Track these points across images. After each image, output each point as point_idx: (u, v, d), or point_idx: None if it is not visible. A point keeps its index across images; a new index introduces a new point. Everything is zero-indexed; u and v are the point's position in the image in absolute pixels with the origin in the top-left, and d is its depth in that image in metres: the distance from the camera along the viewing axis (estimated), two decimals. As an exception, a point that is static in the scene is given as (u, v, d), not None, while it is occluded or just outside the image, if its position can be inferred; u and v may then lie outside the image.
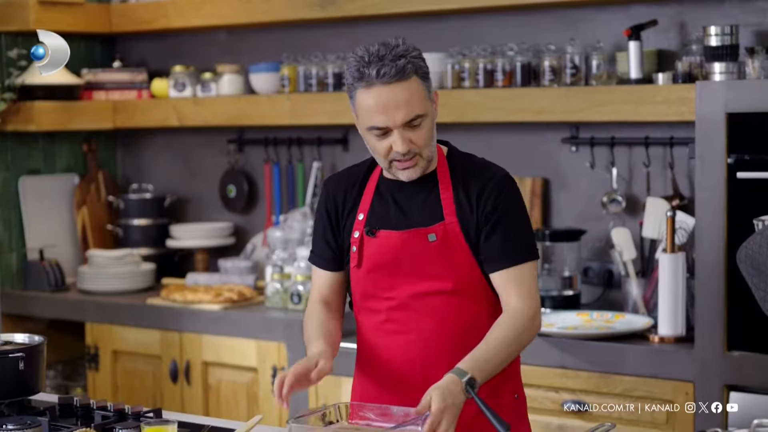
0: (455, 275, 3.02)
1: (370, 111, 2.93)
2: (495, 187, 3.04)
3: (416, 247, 3.02)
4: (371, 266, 3.07)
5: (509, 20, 4.85)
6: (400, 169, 2.99)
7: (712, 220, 3.77)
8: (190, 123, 5.52)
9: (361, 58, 2.93)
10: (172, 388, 4.98)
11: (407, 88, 2.93)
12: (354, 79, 2.94)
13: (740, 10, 4.36)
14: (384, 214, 3.07)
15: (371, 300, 3.09)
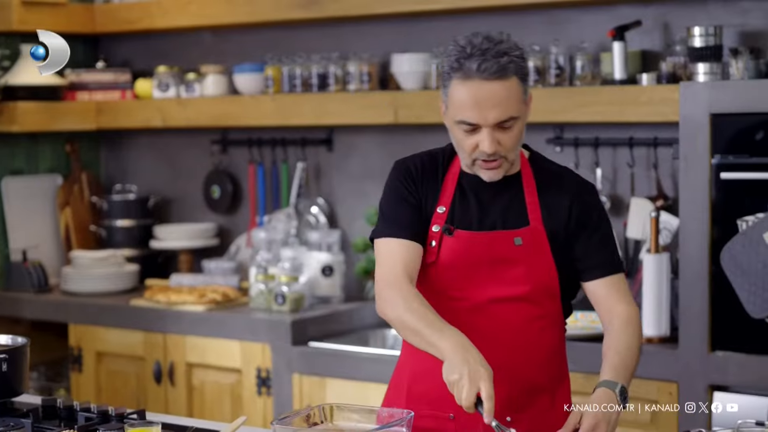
0: (534, 281, 2.93)
1: (463, 105, 2.81)
2: (585, 196, 2.99)
3: (500, 248, 2.91)
4: (448, 264, 2.93)
5: (493, 21, 4.85)
6: (483, 168, 2.88)
7: (696, 220, 3.78)
8: (173, 123, 5.50)
9: (462, 48, 2.81)
10: (156, 389, 4.97)
11: (505, 87, 2.81)
12: (451, 68, 2.82)
13: (724, 10, 4.37)
14: (465, 211, 2.94)
15: (441, 297, 2.93)
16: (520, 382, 2.92)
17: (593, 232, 2.95)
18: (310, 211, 5.32)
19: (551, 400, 2.98)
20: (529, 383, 2.93)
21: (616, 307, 2.94)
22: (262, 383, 4.67)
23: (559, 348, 3.04)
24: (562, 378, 3.05)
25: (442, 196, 2.96)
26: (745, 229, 3.64)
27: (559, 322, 3.01)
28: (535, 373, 2.94)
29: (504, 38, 2.85)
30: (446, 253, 2.93)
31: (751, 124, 3.72)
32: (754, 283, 3.61)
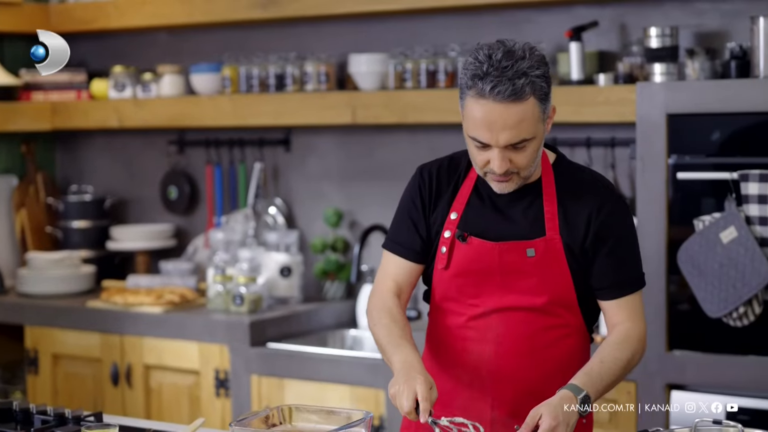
0: (549, 293, 2.88)
1: (476, 123, 2.75)
2: (608, 208, 2.88)
3: (512, 259, 2.87)
4: (459, 271, 2.91)
5: (451, 21, 4.86)
6: (494, 181, 2.83)
7: (654, 220, 3.80)
8: (130, 124, 5.48)
9: (480, 64, 2.73)
10: (113, 391, 4.94)
11: (520, 110, 2.72)
12: (466, 85, 2.76)
13: (680, 11, 4.39)
14: (479, 217, 2.91)
15: (452, 303, 2.94)
16: (529, 390, 2.88)
17: (611, 249, 2.87)
18: (268, 211, 5.31)
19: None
20: (540, 393, 2.82)
21: (620, 320, 2.90)
22: (220, 385, 4.65)
23: (580, 359, 2.95)
24: None
25: (456, 202, 2.93)
26: (701, 228, 3.67)
27: (579, 333, 2.95)
28: (547, 384, 2.85)
29: (526, 54, 2.74)
30: (459, 260, 2.91)
31: (708, 124, 3.74)
32: (710, 282, 3.64)
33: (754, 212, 3.58)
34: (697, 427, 2.67)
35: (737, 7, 4.27)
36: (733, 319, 3.63)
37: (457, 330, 2.94)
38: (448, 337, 2.95)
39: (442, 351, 2.98)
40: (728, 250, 3.59)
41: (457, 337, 2.94)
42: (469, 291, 2.91)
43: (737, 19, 4.24)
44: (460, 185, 2.95)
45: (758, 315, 3.60)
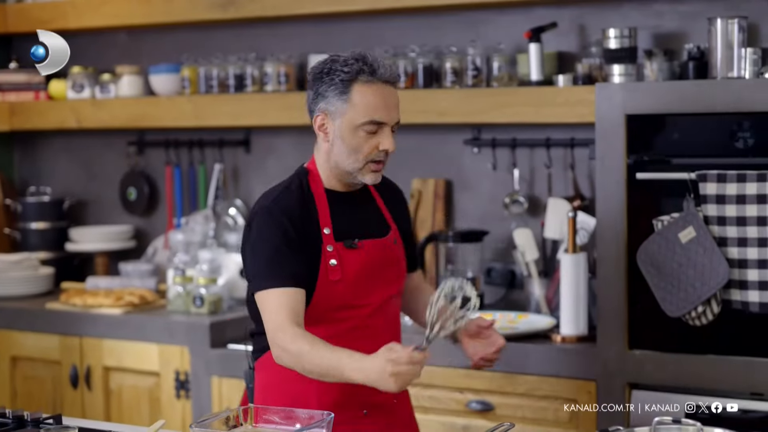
0: (402, 275, 3.30)
1: (374, 106, 3.07)
2: (404, 200, 3.41)
3: (387, 253, 3.22)
4: (353, 277, 3.14)
5: (411, 22, 4.86)
6: (373, 170, 3.13)
7: (613, 220, 3.81)
8: (89, 125, 5.45)
9: (356, 61, 3.08)
10: (73, 393, 4.91)
11: (396, 92, 3.14)
12: (353, 73, 3.06)
13: (638, 12, 4.42)
14: (346, 225, 3.16)
15: (344, 310, 3.13)
16: None
17: (409, 234, 3.40)
18: (228, 212, 5.30)
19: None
20: None
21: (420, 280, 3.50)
22: (180, 386, 4.64)
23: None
24: None
25: (321, 218, 3.14)
26: (660, 228, 3.69)
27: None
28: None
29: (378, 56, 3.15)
30: (351, 266, 3.14)
31: (666, 124, 3.76)
32: (669, 282, 3.66)
33: (713, 212, 3.60)
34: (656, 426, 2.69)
35: (695, 9, 4.31)
36: (692, 318, 3.65)
37: (346, 333, 3.12)
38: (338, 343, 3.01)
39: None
40: (687, 250, 3.61)
41: (350, 339, 3.08)
42: (360, 293, 3.15)
43: (695, 21, 4.27)
44: (313, 204, 3.16)
45: (717, 314, 3.62)
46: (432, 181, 4.81)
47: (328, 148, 3.15)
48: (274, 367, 3.11)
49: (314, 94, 3.15)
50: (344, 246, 3.13)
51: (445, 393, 4.12)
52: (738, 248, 3.59)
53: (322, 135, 3.16)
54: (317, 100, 3.14)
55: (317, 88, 3.13)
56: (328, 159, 3.17)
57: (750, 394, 3.64)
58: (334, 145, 3.13)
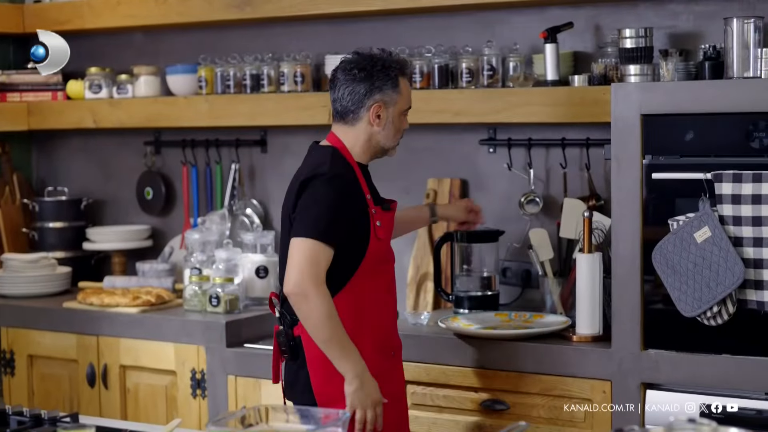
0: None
1: (409, 94, 3.77)
2: None
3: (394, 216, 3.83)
4: (388, 235, 3.74)
5: (426, 22, 4.87)
6: (395, 146, 3.78)
7: (628, 220, 3.82)
8: (106, 125, 5.47)
9: (392, 55, 3.75)
10: (90, 392, 4.93)
11: None
12: (399, 69, 3.72)
13: (654, 13, 4.41)
14: (374, 191, 3.76)
15: (384, 264, 3.74)
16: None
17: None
18: (245, 212, 5.31)
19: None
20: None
21: None
22: (196, 385, 4.66)
23: None
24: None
25: (363, 186, 3.69)
26: (675, 228, 3.69)
27: None
28: None
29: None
30: (387, 226, 3.73)
31: (682, 124, 3.76)
32: (685, 282, 3.66)
33: (728, 212, 3.61)
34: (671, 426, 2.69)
35: (711, 9, 4.30)
36: (707, 318, 3.65)
37: (386, 284, 3.76)
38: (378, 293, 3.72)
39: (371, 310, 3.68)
40: (702, 250, 3.61)
41: (386, 290, 3.76)
42: (390, 249, 3.79)
43: (711, 21, 4.26)
44: (354, 175, 3.69)
45: (732, 314, 3.62)
46: (447, 180, 4.82)
47: (377, 131, 3.71)
48: None
49: (368, 87, 3.67)
50: (382, 209, 3.71)
51: (459, 392, 4.12)
52: (753, 248, 3.59)
53: (375, 121, 3.69)
54: (372, 92, 3.67)
55: (373, 82, 3.67)
56: (369, 140, 3.71)
57: (765, 394, 3.64)
58: (385, 128, 3.71)
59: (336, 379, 3.57)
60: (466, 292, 4.53)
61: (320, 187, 3.59)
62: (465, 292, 4.52)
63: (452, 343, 4.11)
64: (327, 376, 3.60)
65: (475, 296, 4.52)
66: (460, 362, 4.11)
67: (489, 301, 4.53)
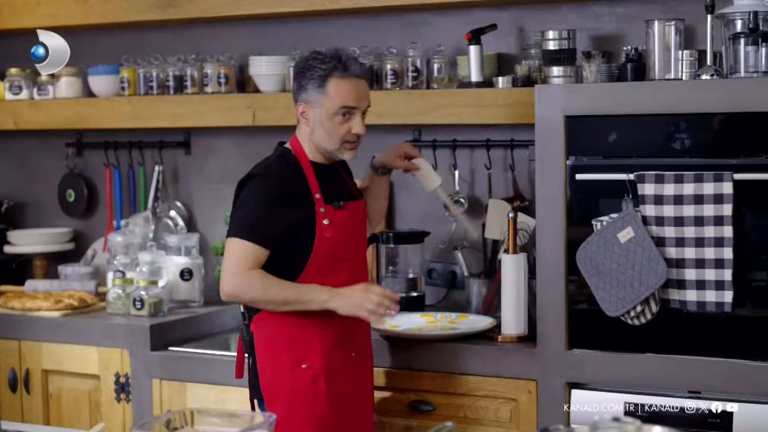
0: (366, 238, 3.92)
1: (347, 94, 3.66)
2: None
3: (361, 215, 3.82)
4: (341, 233, 3.69)
5: (351, 23, 4.87)
6: (349, 149, 3.73)
7: (553, 221, 3.84)
8: (26, 126, 5.40)
9: (333, 55, 3.67)
10: (12, 397, 4.87)
11: (366, 85, 3.75)
12: (329, 68, 3.64)
13: (577, 15, 4.45)
14: (332, 191, 3.72)
15: (338, 263, 3.69)
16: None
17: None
18: (168, 214, 5.27)
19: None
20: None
21: None
22: (120, 389, 4.61)
23: None
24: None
25: (312, 186, 3.68)
26: (599, 229, 3.72)
27: None
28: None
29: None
30: (338, 224, 3.69)
31: (604, 126, 3.79)
32: (608, 282, 3.69)
33: (651, 212, 3.64)
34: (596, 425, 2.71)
35: (633, 12, 4.34)
36: (630, 318, 3.68)
37: (343, 283, 3.68)
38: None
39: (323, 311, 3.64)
40: (626, 250, 3.65)
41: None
42: (348, 247, 3.74)
43: (633, 23, 4.30)
44: (302, 175, 3.69)
45: (655, 314, 3.66)
46: (373, 182, 4.82)
47: (310, 131, 3.71)
48: (272, 318, 3.66)
49: (297, 86, 3.71)
50: (333, 207, 3.69)
51: (386, 393, 4.12)
52: (676, 248, 3.63)
53: (303, 121, 3.71)
54: (299, 91, 3.70)
55: (299, 81, 3.69)
56: (310, 140, 3.72)
57: (688, 392, 3.68)
58: (314, 129, 3.69)
59: (280, 373, 3.66)
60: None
61: (252, 187, 3.66)
62: (391, 294, 4.52)
63: (378, 345, 4.11)
64: (273, 370, 3.68)
65: (401, 297, 4.51)
66: (387, 363, 4.11)
67: (415, 302, 4.53)
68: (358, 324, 3.73)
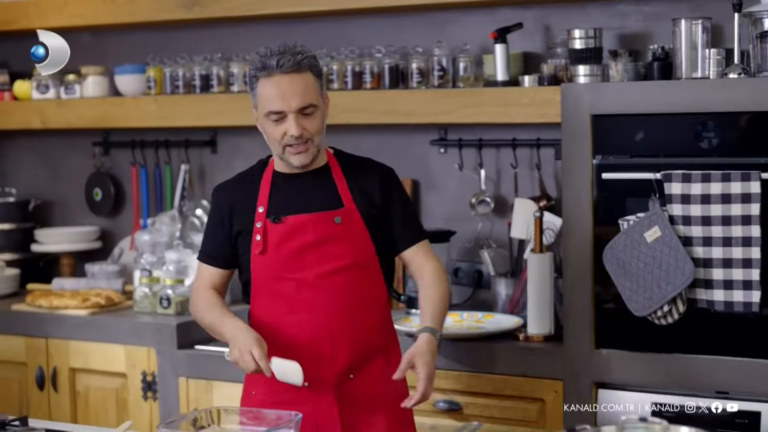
0: (356, 254, 3.39)
1: (270, 97, 3.30)
2: (387, 178, 3.52)
3: (323, 229, 3.36)
4: (278, 249, 3.36)
5: (377, 22, 4.87)
6: (293, 153, 3.35)
7: (579, 220, 3.83)
8: (53, 125, 5.43)
9: (264, 53, 3.31)
10: (39, 395, 4.89)
11: (303, 79, 3.31)
12: (256, 70, 3.31)
13: (603, 13, 4.44)
14: (283, 203, 3.39)
15: (276, 283, 3.37)
16: (359, 344, 3.40)
17: (397, 210, 3.48)
18: (195, 213, 5.28)
19: (386, 359, 3.47)
20: (367, 345, 3.42)
21: (425, 265, 3.52)
22: (147, 387, 4.63)
23: (388, 313, 3.54)
24: (394, 340, 3.56)
25: (260, 198, 3.42)
26: (626, 228, 3.71)
27: (385, 291, 3.50)
28: (372, 337, 3.44)
29: (298, 44, 3.36)
30: (276, 239, 3.37)
31: (631, 125, 3.78)
32: (635, 281, 3.68)
33: (678, 212, 3.63)
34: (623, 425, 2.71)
35: (659, 10, 4.33)
36: (657, 317, 3.67)
37: (287, 306, 3.38)
38: (278, 316, 3.39)
39: (273, 332, 3.36)
40: (652, 250, 3.63)
41: (287, 312, 3.38)
42: (290, 266, 3.36)
43: (659, 22, 4.29)
44: (258, 187, 3.44)
45: (682, 313, 3.64)
46: (398, 181, 4.82)
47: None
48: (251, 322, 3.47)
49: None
50: (271, 221, 3.37)
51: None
52: (703, 248, 3.61)
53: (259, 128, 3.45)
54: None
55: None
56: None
57: (715, 393, 3.66)
58: (264, 133, 3.41)
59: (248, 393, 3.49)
60: (417, 292, 4.52)
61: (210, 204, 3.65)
62: (417, 293, 4.52)
63: (404, 344, 4.10)
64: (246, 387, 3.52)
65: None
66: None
67: (440, 301, 4.52)
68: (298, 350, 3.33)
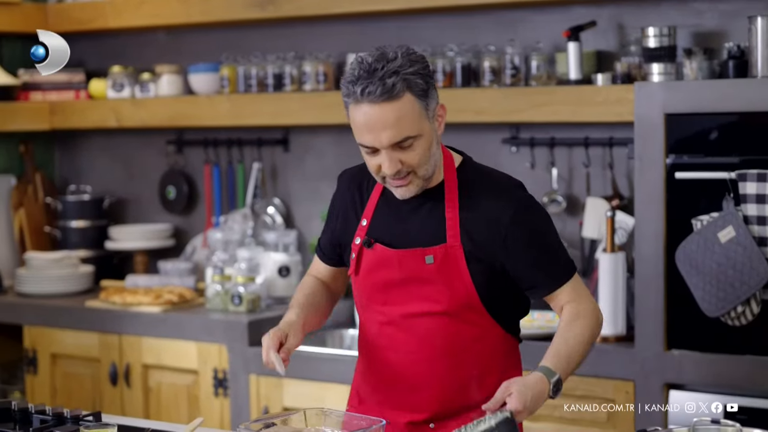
0: (449, 298, 2.86)
1: (359, 128, 2.79)
2: (515, 210, 2.86)
3: (411, 266, 2.88)
4: (367, 278, 2.95)
5: (449, 21, 4.86)
6: (394, 186, 2.84)
7: (652, 220, 3.80)
8: (128, 124, 5.48)
9: (352, 71, 2.78)
10: (112, 391, 4.94)
11: (396, 109, 2.74)
12: (345, 94, 2.80)
13: (677, 11, 4.39)
14: (385, 224, 2.94)
15: (366, 311, 2.99)
16: (446, 396, 2.90)
17: (526, 251, 2.86)
18: (267, 211, 5.31)
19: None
20: (459, 402, 2.90)
21: (567, 304, 2.90)
22: (218, 384, 4.66)
23: (501, 362, 2.95)
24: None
25: (366, 209, 2.97)
26: (699, 228, 3.68)
27: (494, 336, 2.93)
28: (464, 389, 2.90)
29: (398, 55, 2.77)
30: (366, 266, 2.95)
31: (705, 124, 3.74)
32: (708, 281, 3.64)
33: (752, 212, 3.59)
34: (695, 427, 2.68)
35: (735, 7, 4.28)
36: (731, 318, 3.63)
37: (373, 338, 2.98)
38: (368, 343, 3.01)
39: (366, 356, 3.02)
40: (726, 250, 3.60)
41: (374, 345, 2.98)
42: (377, 298, 2.94)
43: (735, 19, 4.24)
44: (370, 192, 2.98)
45: (756, 314, 3.60)
46: (470, 180, 4.80)
47: None
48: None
49: None
50: (363, 243, 2.94)
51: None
52: (778, 248, 3.57)
53: None
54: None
55: None
56: None
57: (789, 395, 3.62)
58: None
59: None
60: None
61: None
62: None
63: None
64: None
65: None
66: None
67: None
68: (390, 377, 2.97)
